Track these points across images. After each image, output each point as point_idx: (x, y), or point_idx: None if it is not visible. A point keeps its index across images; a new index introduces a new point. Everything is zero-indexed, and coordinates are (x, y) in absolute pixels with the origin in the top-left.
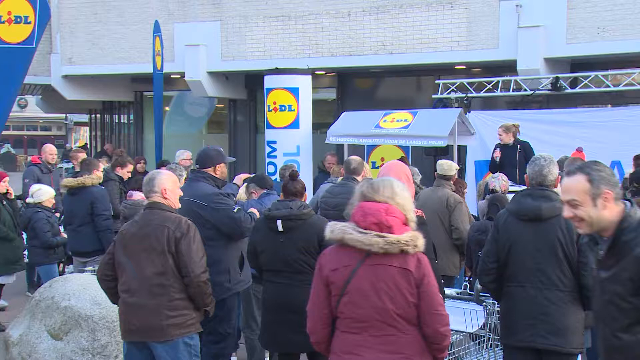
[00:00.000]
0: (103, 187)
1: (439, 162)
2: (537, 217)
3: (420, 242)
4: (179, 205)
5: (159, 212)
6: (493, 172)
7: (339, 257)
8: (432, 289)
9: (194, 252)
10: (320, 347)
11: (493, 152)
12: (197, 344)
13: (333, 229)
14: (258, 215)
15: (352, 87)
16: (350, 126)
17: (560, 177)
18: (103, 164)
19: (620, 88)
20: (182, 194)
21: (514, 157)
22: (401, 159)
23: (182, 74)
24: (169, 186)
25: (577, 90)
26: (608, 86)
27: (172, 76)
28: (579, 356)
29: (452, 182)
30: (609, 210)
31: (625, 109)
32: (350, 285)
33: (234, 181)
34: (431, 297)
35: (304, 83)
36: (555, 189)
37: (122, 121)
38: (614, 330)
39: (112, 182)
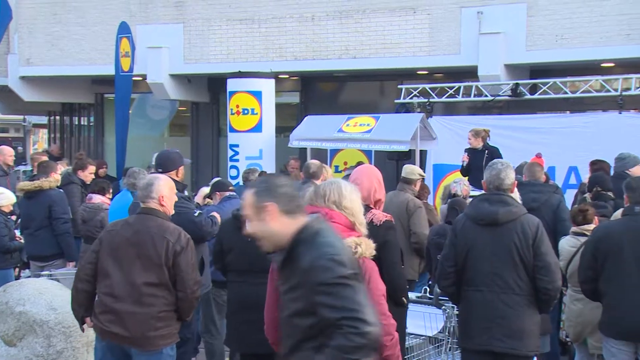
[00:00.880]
0: (61, 190)
1: (405, 166)
2: (493, 221)
3: (364, 248)
4: (173, 212)
5: (155, 220)
6: (463, 176)
7: None
8: (371, 297)
9: (191, 268)
10: (277, 348)
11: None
12: (175, 354)
13: None
14: (219, 218)
15: (316, 91)
16: (313, 130)
17: (517, 182)
18: (63, 167)
19: (578, 95)
20: (177, 199)
21: (480, 161)
22: (359, 164)
23: (144, 76)
24: (166, 193)
25: (536, 96)
26: (566, 93)
27: (133, 78)
28: (535, 358)
29: (414, 187)
30: (277, 223)
31: (582, 116)
32: None
33: (196, 199)
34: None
35: (267, 87)
36: (512, 194)
37: (82, 123)
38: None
39: (73, 185)
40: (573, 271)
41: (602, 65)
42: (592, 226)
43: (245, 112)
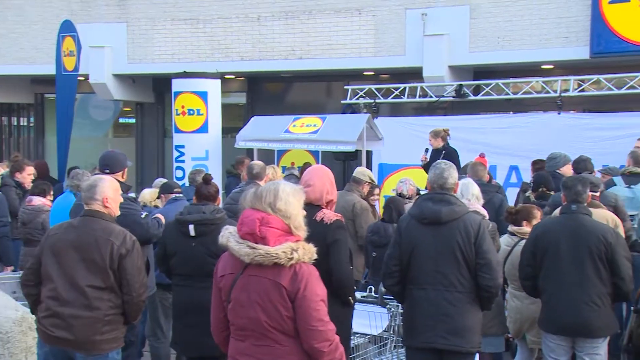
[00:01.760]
0: (0, 193)
1: (357, 167)
2: (437, 220)
3: (301, 253)
4: (119, 213)
5: (100, 222)
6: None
7: (228, 264)
8: (308, 304)
9: (137, 271)
10: (223, 349)
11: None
12: (120, 358)
13: (223, 234)
14: (164, 220)
15: (262, 92)
16: (259, 131)
17: (458, 182)
18: (2, 169)
19: (519, 96)
20: (122, 200)
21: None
22: (306, 165)
23: (86, 76)
24: (110, 194)
25: (479, 97)
26: (508, 94)
27: None
28: (477, 355)
29: (362, 189)
30: None
31: (523, 116)
32: (232, 294)
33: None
34: (306, 312)
35: (213, 87)
36: (455, 193)
37: (21, 124)
38: None
39: (7, 187)
40: (510, 269)
41: (542, 67)
42: (524, 228)
43: (191, 112)
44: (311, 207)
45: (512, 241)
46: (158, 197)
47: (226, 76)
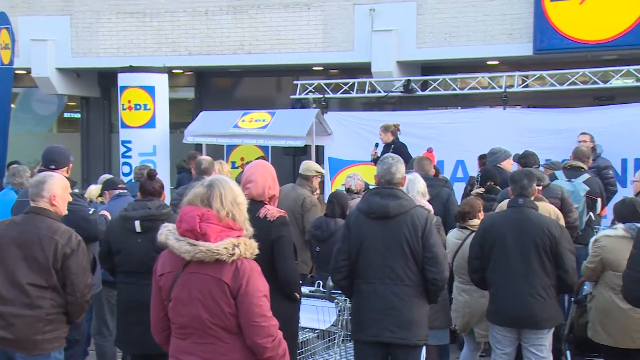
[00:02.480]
0: None
1: (303, 162)
2: (385, 215)
3: (243, 249)
4: (66, 212)
5: (45, 220)
6: None
7: (167, 262)
8: (250, 299)
9: (82, 271)
10: (165, 348)
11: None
12: (63, 358)
13: (161, 232)
14: (110, 217)
15: (211, 87)
16: (208, 126)
17: (405, 177)
18: None
19: (466, 91)
20: (70, 199)
21: None
22: (260, 159)
23: (29, 70)
24: (58, 192)
25: (427, 92)
26: (455, 89)
27: (16, 72)
28: (424, 348)
29: (311, 183)
30: None
31: (470, 111)
32: (172, 292)
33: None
34: (249, 308)
35: (160, 81)
36: (402, 188)
37: None
38: None
39: None
40: (460, 262)
41: (488, 63)
42: (476, 221)
43: (138, 107)
44: (254, 204)
45: (463, 234)
46: (101, 195)
47: (174, 71)
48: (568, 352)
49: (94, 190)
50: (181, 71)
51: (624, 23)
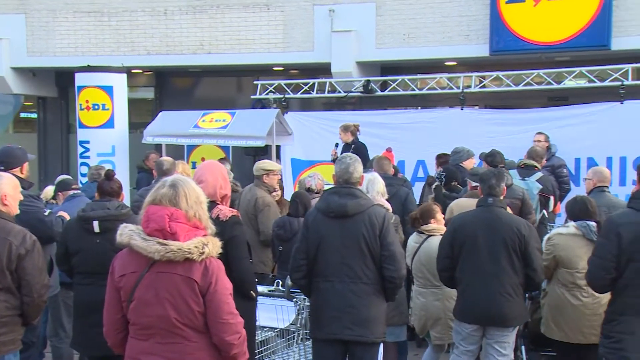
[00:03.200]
0: None
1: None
2: (343, 214)
3: (211, 247)
4: (18, 212)
5: None
6: None
7: (128, 262)
8: (219, 297)
9: (38, 271)
10: (117, 350)
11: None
12: None
13: (122, 232)
14: (68, 217)
15: (171, 87)
16: (168, 126)
17: (363, 176)
18: None
19: (424, 92)
20: (22, 198)
21: None
22: (222, 160)
23: None
24: (9, 192)
25: (386, 93)
26: (414, 89)
27: None
28: (381, 345)
29: (266, 182)
30: None
31: (429, 112)
32: (136, 293)
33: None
34: (217, 306)
35: (119, 81)
36: (360, 187)
37: None
38: None
39: None
40: (417, 266)
41: (446, 63)
42: (431, 225)
43: (96, 107)
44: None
45: (420, 239)
46: (54, 197)
47: (133, 71)
48: (523, 347)
49: (50, 191)
50: (140, 71)
51: (577, 25)
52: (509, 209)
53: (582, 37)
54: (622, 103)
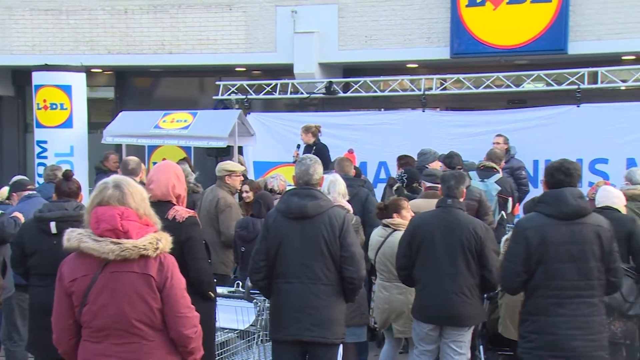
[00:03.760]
0: None
1: None
2: (303, 215)
3: (163, 244)
4: None
5: None
6: None
7: (78, 266)
8: (176, 292)
9: None
10: (68, 357)
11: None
12: None
13: (70, 237)
14: (22, 219)
15: (132, 86)
16: (128, 126)
17: (323, 177)
18: None
19: (386, 93)
20: None
21: None
22: (183, 160)
23: None
24: None
25: (348, 94)
26: (376, 91)
27: None
28: (340, 346)
29: (228, 183)
30: None
31: (390, 113)
32: (90, 295)
33: None
34: (175, 300)
35: (78, 81)
36: (320, 188)
37: None
38: None
39: None
40: (381, 260)
41: (408, 66)
42: (396, 219)
43: (54, 107)
44: (161, 205)
45: (386, 232)
46: (8, 197)
47: (92, 70)
48: (481, 347)
49: (5, 192)
50: (100, 70)
51: (535, 29)
52: None
53: (540, 41)
54: (578, 106)
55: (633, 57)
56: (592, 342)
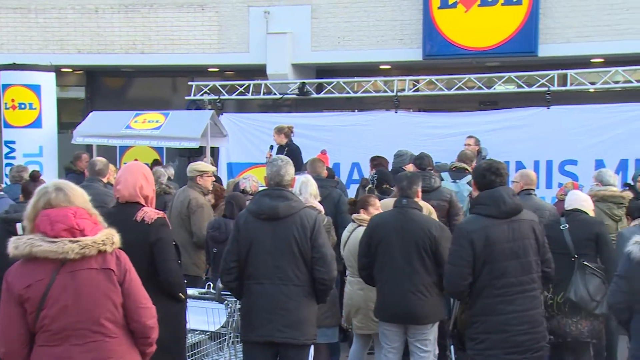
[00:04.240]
0: None
1: None
2: (274, 216)
3: (117, 238)
4: None
5: None
6: None
7: (30, 272)
8: (135, 284)
9: None
10: None
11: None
12: None
13: (17, 245)
14: None
15: (103, 86)
16: (99, 126)
17: (295, 178)
18: None
19: (359, 94)
20: None
21: None
22: (155, 161)
23: None
24: None
25: (322, 95)
26: (349, 92)
27: None
28: (312, 347)
29: (199, 183)
30: None
31: (363, 114)
32: (48, 299)
33: None
34: (136, 292)
35: (47, 80)
36: (291, 189)
37: None
38: None
39: None
40: (347, 254)
41: (381, 67)
42: (362, 215)
43: (23, 106)
44: (129, 206)
45: (352, 228)
46: None
47: (62, 69)
48: (452, 347)
49: None
50: (70, 70)
51: (506, 32)
52: (432, 210)
53: (510, 44)
54: (548, 108)
55: (601, 60)
56: (537, 334)
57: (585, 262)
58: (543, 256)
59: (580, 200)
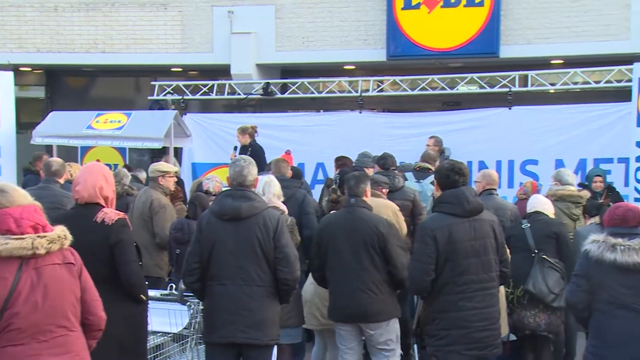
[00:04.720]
0: None
1: None
2: (236, 216)
3: (69, 234)
4: None
5: None
6: None
7: None
8: (88, 277)
9: None
10: None
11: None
12: None
13: None
14: None
15: (64, 86)
16: (59, 126)
17: (258, 178)
18: None
19: (324, 95)
20: None
21: None
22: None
23: None
24: None
25: (286, 95)
26: (314, 93)
27: None
28: (275, 347)
29: (162, 184)
30: None
31: (328, 115)
32: (14, 297)
33: None
34: (90, 285)
35: (5, 79)
36: (254, 189)
37: None
38: None
39: None
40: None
41: (345, 67)
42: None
43: None
44: (88, 207)
45: None
46: None
47: (21, 68)
48: (415, 346)
49: None
50: (30, 69)
51: (468, 33)
52: (397, 210)
53: (473, 45)
54: (510, 109)
55: (561, 61)
56: (494, 330)
57: (544, 256)
58: (501, 256)
59: (543, 204)
